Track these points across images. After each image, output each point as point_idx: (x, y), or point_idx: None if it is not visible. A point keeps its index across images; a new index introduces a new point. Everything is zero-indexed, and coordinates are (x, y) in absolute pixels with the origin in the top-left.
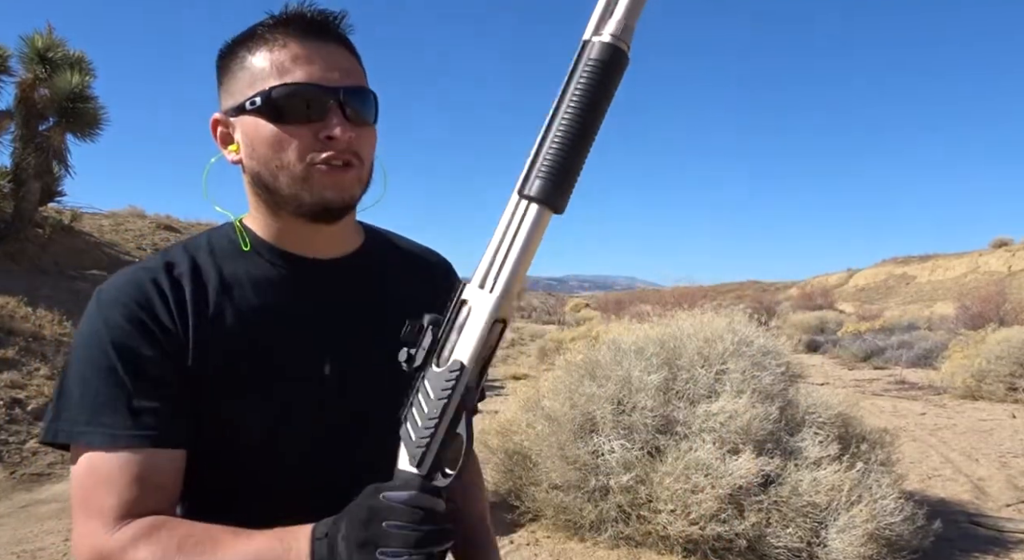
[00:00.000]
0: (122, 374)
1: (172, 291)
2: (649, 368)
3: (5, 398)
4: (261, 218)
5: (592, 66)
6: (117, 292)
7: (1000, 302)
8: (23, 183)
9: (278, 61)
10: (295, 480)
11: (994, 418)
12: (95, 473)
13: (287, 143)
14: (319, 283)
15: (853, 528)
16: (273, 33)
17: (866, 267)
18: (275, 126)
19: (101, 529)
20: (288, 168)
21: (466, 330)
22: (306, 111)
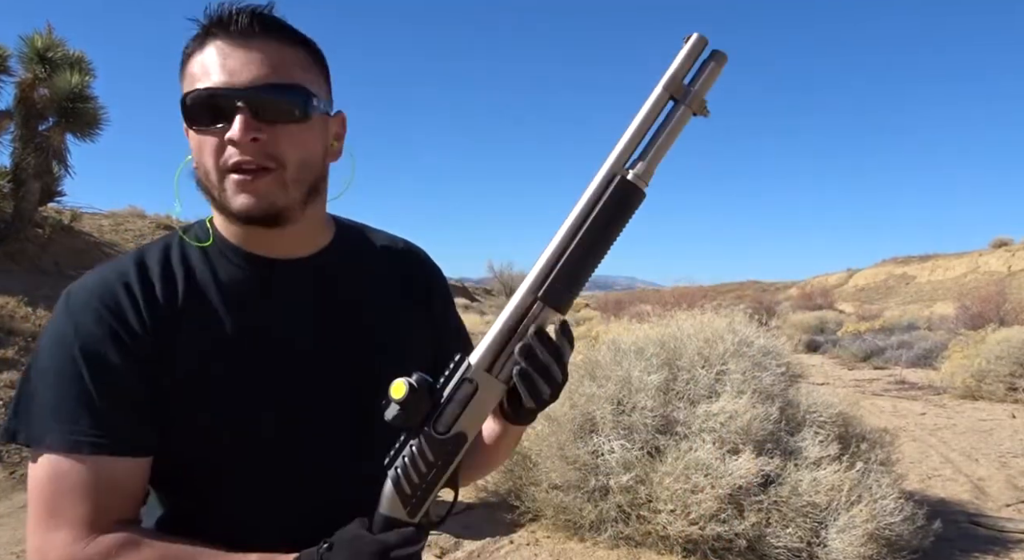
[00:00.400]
0: (88, 381)
1: (143, 293)
2: (649, 368)
3: (5, 398)
4: (220, 220)
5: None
6: (87, 295)
7: (1000, 302)
8: (23, 183)
9: (197, 67)
10: (267, 481)
11: (994, 418)
12: (59, 480)
13: (203, 149)
14: (285, 284)
15: (853, 528)
16: (202, 38)
17: (866, 267)
18: (195, 132)
19: (70, 540)
20: (208, 176)
21: (472, 407)
22: (212, 116)
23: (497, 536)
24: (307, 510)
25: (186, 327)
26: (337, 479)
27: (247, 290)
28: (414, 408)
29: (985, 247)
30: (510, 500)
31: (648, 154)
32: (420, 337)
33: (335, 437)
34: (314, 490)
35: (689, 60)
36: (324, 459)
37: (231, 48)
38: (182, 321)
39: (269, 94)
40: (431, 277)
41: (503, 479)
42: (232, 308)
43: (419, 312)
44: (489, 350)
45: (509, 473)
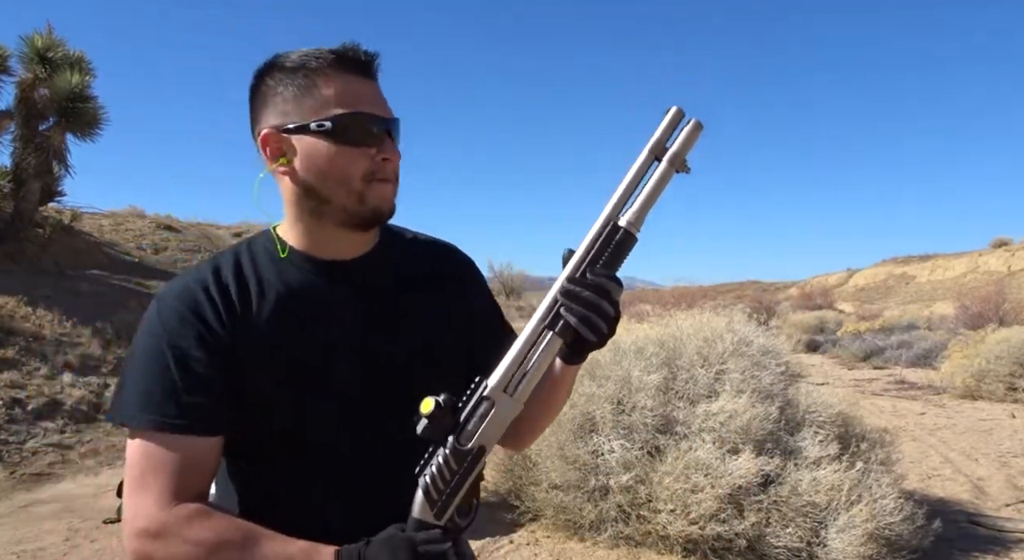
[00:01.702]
0: (174, 373)
1: (220, 296)
2: (649, 368)
3: (5, 398)
4: (298, 226)
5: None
6: (174, 299)
7: (1000, 302)
8: (23, 183)
9: (342, 92)
10: (321, 458)
11: (994, 418)
12: (149, 456)
13: (351, 163)
14: (341, 281)
15: (853, 528)
16: (334, 66)
17: (866, 267)
18: (340, 146)
19: (155, 506)
20: (348, 183)
21: (489, 423)
22: (366, 137)
23: (497, 536)
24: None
25: (256, 324)
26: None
27: (309, 290)
28: (439, 423)
29: (985, 247)
30: (510, 500)
31: (636, 205)
32: (454, 330)
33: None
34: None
35: (669, 128)
36: (371, 439)
37: (363, 83)
38: (252, 318)
39: (397, 126)
40: (463, 271)
41: (503, 479)
42: (295, 305)
43: (454, 306)
44: (505, 373)
45: (509, 473)
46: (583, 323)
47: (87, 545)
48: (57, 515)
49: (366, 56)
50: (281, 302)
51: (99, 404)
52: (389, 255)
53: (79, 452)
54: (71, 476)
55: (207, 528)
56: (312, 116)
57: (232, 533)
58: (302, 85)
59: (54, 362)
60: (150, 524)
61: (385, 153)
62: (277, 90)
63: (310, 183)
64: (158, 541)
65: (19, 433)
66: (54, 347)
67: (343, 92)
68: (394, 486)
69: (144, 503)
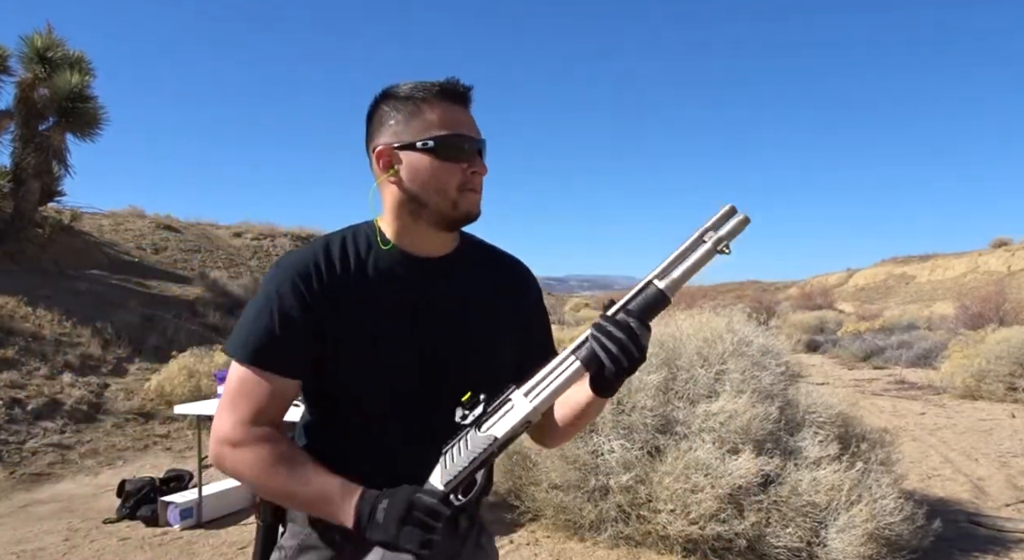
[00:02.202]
0: (276, 324)
1: (326, 269)
2: (648, 368)
3: (5, 398)
4: (396, 224)
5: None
6: (289, 267)
7: (1000, 302)
8: (23, 183)
9: (444, 117)
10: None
11: (994, 418)
12: (243, 383)
13: (449, 175)
14: (425, 273)
15: (853, 528)
16: (438, 95)
17: (866, 267)
18: (440, 162)
19: (236, 424)
20: (445, 192)
21: (506, 418)
22: (461, 154)
23: (497, 536)
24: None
25: (350, 298)
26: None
27: (397, 276)
28: (471, 412)
29: (985, 247)
30: (510, 500)
31: (676, 273)
32: (511, 341)
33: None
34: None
35: (721, 220)
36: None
37: (460, 110)
38: (349, 293)
39: (485, 146)
40: (527, 287)
41: (503, 479)
42: (384, 289)
43: (516, 318)
44: (532, 383)
45: (509, 473)
46: (607, 356)
47: (87, 545)
48: (57, 515)
49: (463, 88)
50: (374, 283)
51: (99, 404)
52: (469, 257)
53: (79, 452)
54: (71, 476)
55: (270, 448)
56: (418, 136)
57: (289, 456)
58: (411, 111)
59: (54, 362)
60: (231, 435)
61: (475, 167)
62: (390, 114)
63: (414, 191)
64: (234, 449)
65: (19, 433)
66: (54, 347)
67: (444, 117)
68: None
69: (231, 419)
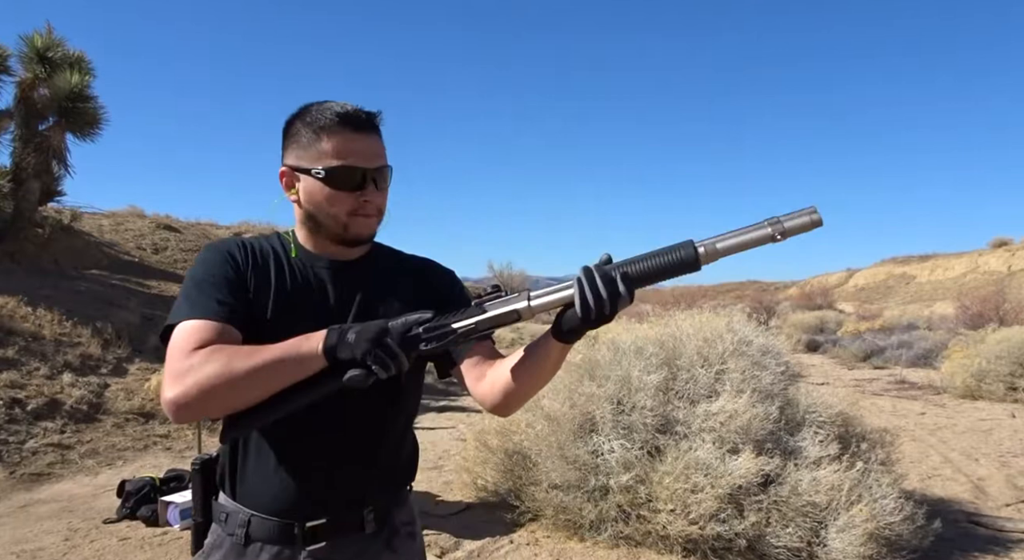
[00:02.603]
0: (212, 283)
1: (248, 253)
2: (648, 368)
3: (5, 398)
4: (302, 232)
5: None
6: (218, 243)
7: (1000, 302)
8: (23, 183)
9: (337, 147)
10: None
11: (994, 418)
12: (186, 332)
13: (339, 202)
14: (332, 273)
15: (853, 528)
16: (337, 126)
17: (866, 267)
18: (331, 190)
19: (181, 358)
20: (336, 217)
21: (503, 305)
22: (352, 183)
23: (497, 536)
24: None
25: (263, 279)
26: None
27: (305, 273)
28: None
29: (985, 247)
30: (510, 500)
31: (721, 244)
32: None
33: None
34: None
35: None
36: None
37: (360, 137)
38: (263, 275)
39: (383, 172)
40: (438, 285)
41: (503, 479)
42: (295, 281)
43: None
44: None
45: (509, 473)
46: (581, 302)
47: (87, 545)
48: (56, 515)
49: (364, 116)
50: (285, 274)
51: (99, 404)
52: (377, 262)
53: (79, 452)
54: (71, 476)
55: (220, 353)
56: (313, 164)
57: (240, 350)
58: (310, 138)
59: (54, 362)
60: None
61: (366, 196)
62: (296, 137)
63: (311, 211)
64: (185, 377)
65: (19, 433)
66: (54, 347)
67: (338, 147)
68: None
69: (173, 363)
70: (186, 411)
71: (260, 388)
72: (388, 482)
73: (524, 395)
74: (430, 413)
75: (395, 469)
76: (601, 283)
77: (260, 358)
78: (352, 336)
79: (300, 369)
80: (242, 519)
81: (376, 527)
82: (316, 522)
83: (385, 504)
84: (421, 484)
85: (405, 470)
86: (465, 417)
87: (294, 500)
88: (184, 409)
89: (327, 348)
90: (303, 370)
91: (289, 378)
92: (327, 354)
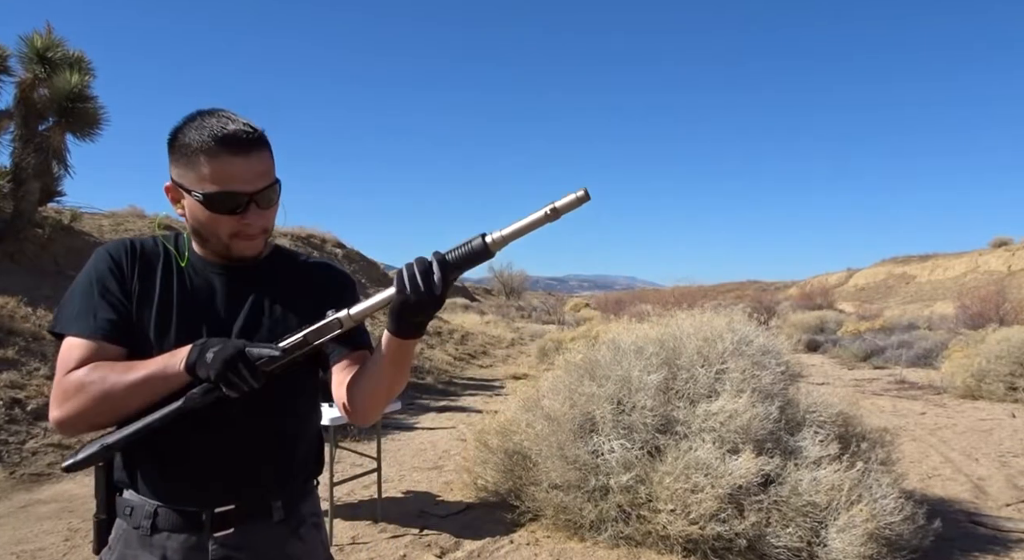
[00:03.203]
0: (98, 294)
1: (137, 259)
2: (649, 368)
3: (5, 398)
4: (195, 241)
5: (474, 250)
6: (106, 252)
7: (1000, 302)
8: (23, 183)
9: (216, 172)
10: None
11: (994, 418)
12: (70, 350)
13: (219, 224)
14: (224, 279)
15: (853, 528)
16: (217, 148)
17: (866, 267)
18: (210, 213)
19: (61, 378)
20: (217, 237)
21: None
22: (232, 207)
23: (497, 536)
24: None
25: (148, 289)
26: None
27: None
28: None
29: (985, 247)
30: (510, 500)
31: (505, 231)
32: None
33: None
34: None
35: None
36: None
37: (238, 162)
38: (149, 284)
39: (267, 192)
40: (330, 286)
41: (503, 479)
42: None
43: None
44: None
45: (509, 473)
46: (398, 286)
47: (87, 545)
48: (57, 515)
49: (246, 135)
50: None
51: None
52: (272, 266)
53: None
54: (71, 476)
55: (97, 370)
56: (193, 186)
57: (115, 367)
58: (192, 159)
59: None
60: (57, 389)
61: (247, 219)
62: (179, 153)
63: (195, 228)
64: (66, 399)
65: (19, 433)
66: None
67: (216, 171)
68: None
69: (58, 379)
70: (71, 428)
71: (136, 402)
72: (286, 477)
73: (370, 396)
74: (430, 413)
75: (291, 466)
76: (416, 266)
77: (132, 376)
78: (210, 356)
79: (167, 385)
80: (148, 511)
81: (284, 515)
82: (225, 508)
83: (293, 494)
84: (421, 484)
85: (303, 466)
86: (465, 417)
87: (200, 489)
88: (69, 427)
89: (188, 365)
90: (170, 386)
91: (161, 392)
92: (188, 371)
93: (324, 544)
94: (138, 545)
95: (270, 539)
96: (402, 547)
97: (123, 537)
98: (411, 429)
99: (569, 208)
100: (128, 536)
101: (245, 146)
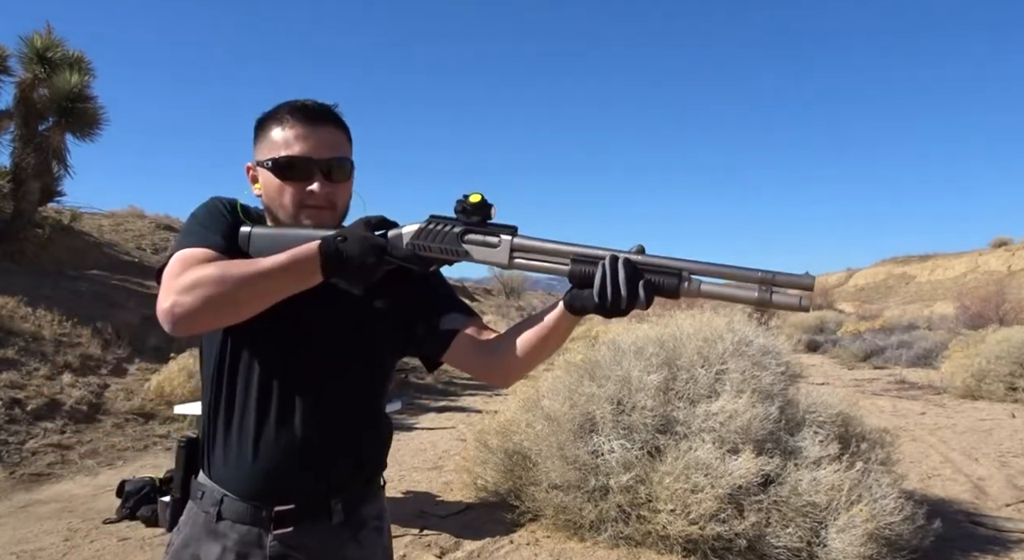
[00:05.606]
0: (205, 226)
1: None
2: (649, 368)
3: (5, 398)
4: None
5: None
6: (218, 198)
7: (1000, 302)
8: (23, 183)
9: (287, 138)
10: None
11: (994, 418)
12: (183, 255)
13: (286, 194)
14: None
15: (853, 528)
16: (288, 117)
17: (866, 267)
18: (279, 181)
19: (177, 272)
20: (285, 208)
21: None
22: (299, 173)
23: (497, 536)
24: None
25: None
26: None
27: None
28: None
29: (985, 247)
30: (510, 500)
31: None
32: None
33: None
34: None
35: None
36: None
37: (312, 129)
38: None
39: (337, 163)
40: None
41: (503, 479)
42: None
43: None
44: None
45: (509, 473)
46: (600, 290)
47: (86, 546)
48: (56, 515)
49: (315, 107)
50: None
51: (99, 404)
52: None
53: (79, 452)
54: (71, 476)
55: (216, 262)
56: (265, 156)
57: (237, 261)
58: (266, 132)
59: (54, 362)
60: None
61: (312, 186)
62: (259, 132)
63: (267, 203)
64: (181, 284)
65: (19, 433)
66: (54, 347)
67: (287, 138)
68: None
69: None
70: (182, 318)
71: (256, 295)
72: (358, 469)
73: (530, 363)
74: (430, 413)
75: (363, 457)
76: (624, 280)
77: (258, 266)
78: (349, 238)
79: (301, 269)
80: (216, 498)
81: (343, 517)
82: (284, 508)
83: (354, 495)
84: (421, 484)
85: (375, 459)
86: (465, 417)
87: (263, 484)
88: (180, 315)
89: (325, 246)
90: (301, 273)
91: (293, 276)
92: (323, 252)
93: (385, 549)
94: (203, 530)
95: (328, 541)
96: (402, 547)
97: (192, 519)
98: (411, 429)
99: (780, 308)
100: (196, 519)
101: (314, 115)
